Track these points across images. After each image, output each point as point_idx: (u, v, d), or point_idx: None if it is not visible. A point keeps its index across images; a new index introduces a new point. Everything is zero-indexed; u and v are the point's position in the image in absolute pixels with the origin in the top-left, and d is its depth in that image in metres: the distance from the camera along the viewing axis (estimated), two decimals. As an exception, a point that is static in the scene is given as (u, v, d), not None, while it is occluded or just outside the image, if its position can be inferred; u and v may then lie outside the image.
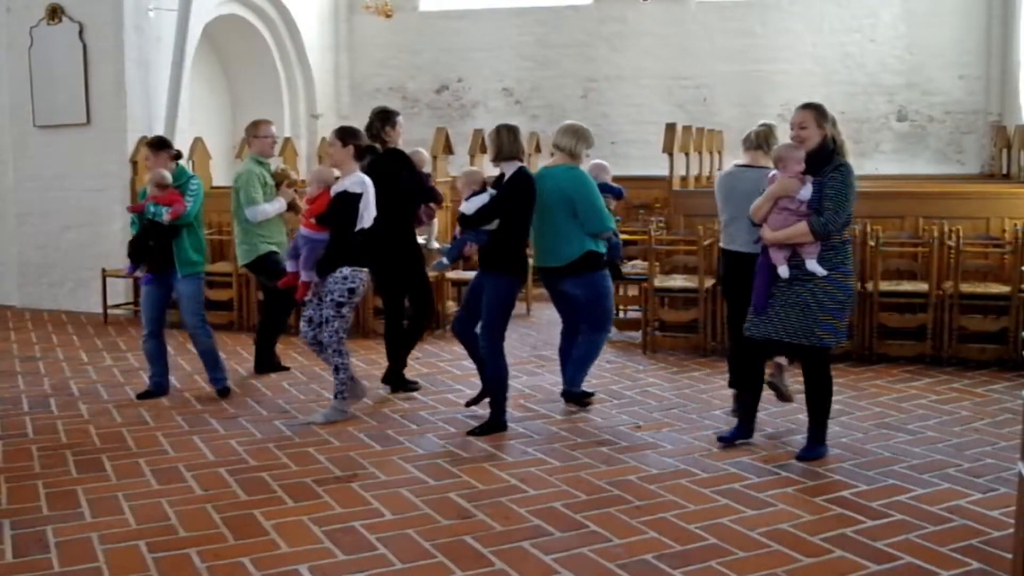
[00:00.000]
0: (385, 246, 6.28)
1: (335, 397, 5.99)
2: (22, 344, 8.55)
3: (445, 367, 7.34)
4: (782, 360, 5.80)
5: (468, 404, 6.14)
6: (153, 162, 6.58)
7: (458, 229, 6.04)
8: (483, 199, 5.75)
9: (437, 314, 8.67)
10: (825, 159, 4.97)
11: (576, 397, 6.14)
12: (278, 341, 7.50)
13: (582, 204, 5.84)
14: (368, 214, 5.84)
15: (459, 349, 7.89)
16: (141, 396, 6.61)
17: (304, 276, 5.92)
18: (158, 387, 6.67)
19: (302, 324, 6.00)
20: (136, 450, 5.40)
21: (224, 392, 6.60)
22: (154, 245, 6.44)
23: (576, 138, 5.99)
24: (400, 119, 6.82)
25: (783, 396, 5.85)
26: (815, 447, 5.11)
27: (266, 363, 7.34)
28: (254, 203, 6.98)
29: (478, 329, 5.76)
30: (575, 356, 6.10)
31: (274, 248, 7.13)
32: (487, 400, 5.80)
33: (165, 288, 6.58)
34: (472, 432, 5.61)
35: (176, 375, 7.22)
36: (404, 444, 5.47)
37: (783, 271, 4.95)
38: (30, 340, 8.72)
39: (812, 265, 4.89)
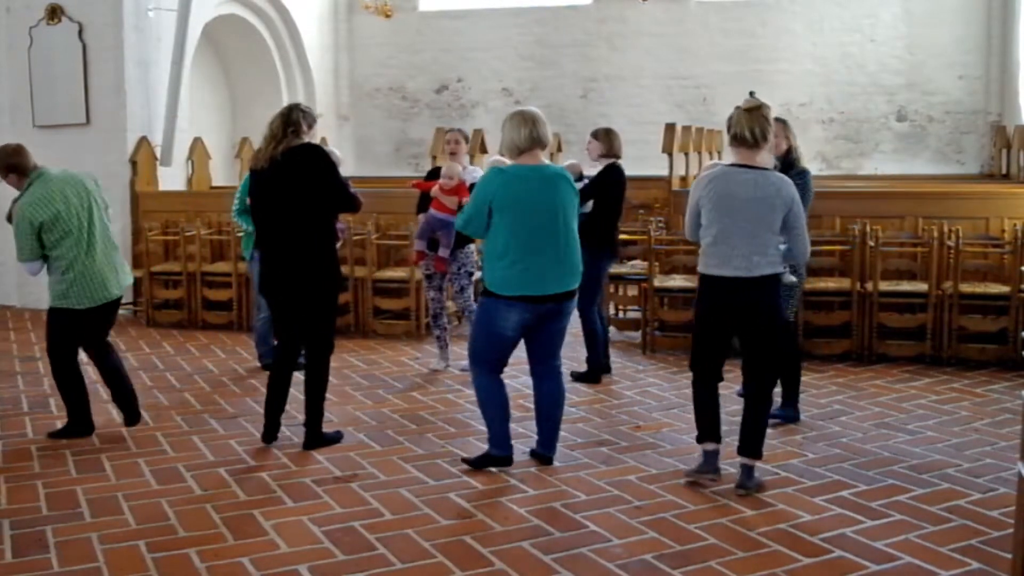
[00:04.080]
0: (293, 263, 5.20)
1: None
2: (22, 344, 8.55)
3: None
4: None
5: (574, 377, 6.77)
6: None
7: None
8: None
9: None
10: (788, 166, 5.47)
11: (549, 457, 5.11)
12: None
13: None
14: None
15: (459, 349, 7.90)
16: (267, 367, 6.89)
17: (443, 252, 6.83)
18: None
19: (433, 293, 7.12)
20: (136, 450, 5.40)
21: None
22: None
23: (546, 126, 4.89)
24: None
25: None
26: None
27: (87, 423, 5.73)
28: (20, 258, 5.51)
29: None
30: (555, 416, 5.07)
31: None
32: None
33: None
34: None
35: (175, 375, 7.23)
36: (404, 444, 5.46)
37: None
38: (30, 340, 8.71)
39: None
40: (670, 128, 10.06)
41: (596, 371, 6.88)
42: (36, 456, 5.31)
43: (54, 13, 10.05)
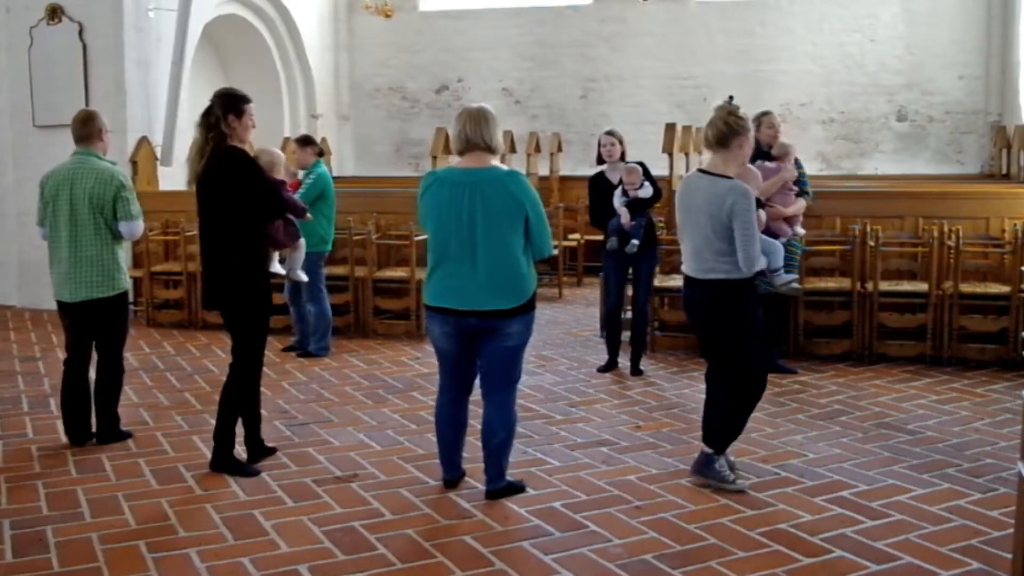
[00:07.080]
0: (227, 277, 4.89)
1: None
2: (22, 344, 8.55)
3: (445, 367, 7.34)
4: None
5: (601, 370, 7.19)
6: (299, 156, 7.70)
7: (626, 217, 6.87)
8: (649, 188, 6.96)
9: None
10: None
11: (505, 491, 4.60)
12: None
13: (536, 218, 4.34)
14: None
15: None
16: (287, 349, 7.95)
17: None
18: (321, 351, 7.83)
19: None
20: (136, 450, 5.40)
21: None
22: None
23: (492, 126, 4.40)
24: (251, 108, 4.93)
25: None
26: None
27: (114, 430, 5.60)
28: (138, 216, 5.54)
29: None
30: (490, 445, 4.54)
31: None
32: None
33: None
34: None
35: (175, 375, 7.23)
36: (404, 444, 5.46)
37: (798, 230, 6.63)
38: (30, 340, 8.71)
39: (799, 230, 6.70)
40: (670, 128, 10.07)
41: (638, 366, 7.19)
42: (36, 456, 5.31)
43: (54, 13, 10.05)
